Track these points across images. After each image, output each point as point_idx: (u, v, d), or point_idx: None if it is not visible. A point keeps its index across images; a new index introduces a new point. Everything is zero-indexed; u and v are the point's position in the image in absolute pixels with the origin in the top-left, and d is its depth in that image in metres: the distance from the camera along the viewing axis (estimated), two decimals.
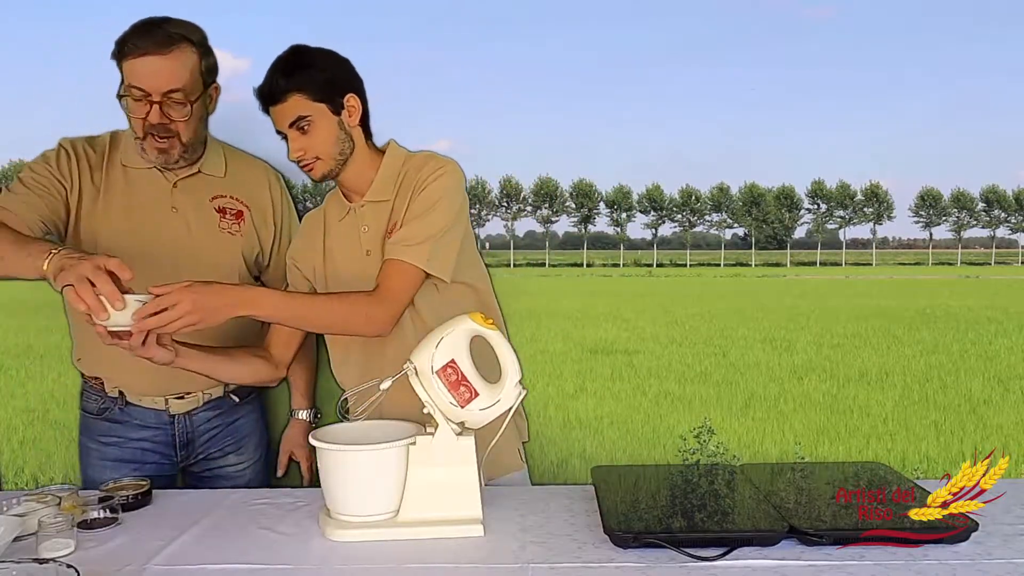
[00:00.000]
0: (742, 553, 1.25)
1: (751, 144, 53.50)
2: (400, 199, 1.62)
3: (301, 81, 1.55)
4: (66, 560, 1.20)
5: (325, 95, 1.57)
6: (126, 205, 1.72)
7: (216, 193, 1.78)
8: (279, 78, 1.55)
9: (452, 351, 1.39)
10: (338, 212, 1.69)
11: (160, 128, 1.64)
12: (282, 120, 1.57)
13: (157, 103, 1.61)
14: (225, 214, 1.77)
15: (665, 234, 71.51)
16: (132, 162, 1.73)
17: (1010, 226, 71.33)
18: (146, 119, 1.62)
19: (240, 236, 1.78)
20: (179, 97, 1.62)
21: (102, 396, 1.80)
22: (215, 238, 1.76)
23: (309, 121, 1.56)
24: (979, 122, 55.28)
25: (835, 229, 71.78)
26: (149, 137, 1.65)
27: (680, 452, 5.34)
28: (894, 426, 7.17)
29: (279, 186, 1.88)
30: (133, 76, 1.60)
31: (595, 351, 11.84)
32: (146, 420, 1.78)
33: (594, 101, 58.43)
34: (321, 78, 1.57)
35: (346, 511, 1.37)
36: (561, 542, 1.33)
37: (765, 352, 11.73)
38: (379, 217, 1.64)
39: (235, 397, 1.85)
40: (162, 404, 1.78)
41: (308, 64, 1.57)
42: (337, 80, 1.60)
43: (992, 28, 50.41)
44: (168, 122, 1.64)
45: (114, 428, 1.79)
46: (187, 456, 1.83)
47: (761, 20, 50.15)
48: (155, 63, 1.59)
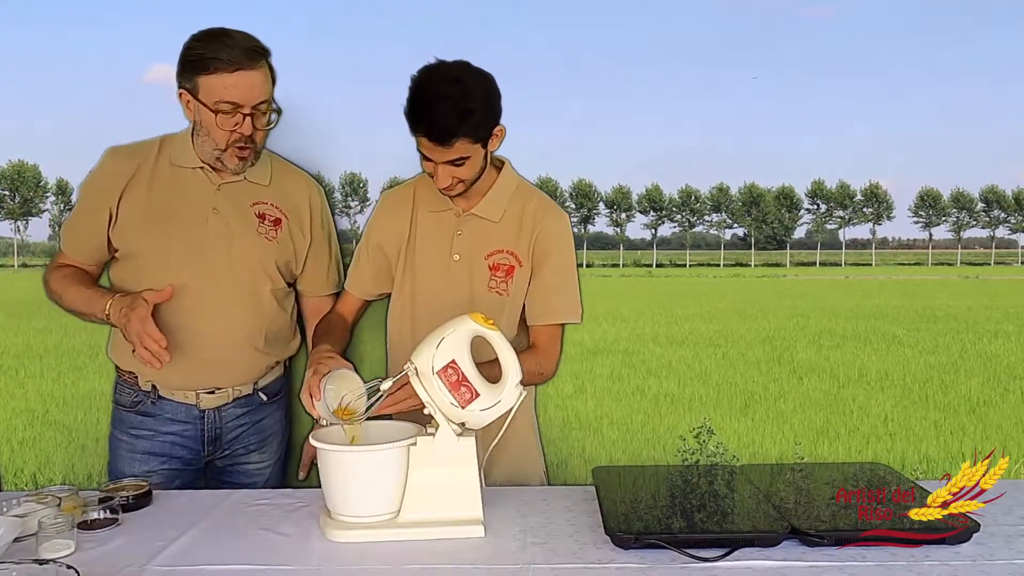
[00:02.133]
0: (743, 554, 1.25)
1: (751, 144, 53.53)
2: (512, 228, 1.70)
3: (470, 128, 1.52)
4: (66, 561, 1.19)
5: (485, 136, 1.57)
6: (172, 205, 1.76)
7: (257, 199, 1.81)
8: (452, 121, 1.51)
9: (453, 351, 1.39)
10: (433, 202, 1.71)
11: (246, 139, 1.69)
12: (439, 156, 1.55)
13: (249, 115, 1.66)
14: (264, 219, 1.81)
15: (665, 234, 71.52)
16: (181, 161, 1.77)
17: (1009, 226, 71.39)
18: (235, 131, 1.67)
19: (276, 242, 1.81)
20: (265, 108, 1.68)
21: (135, 390, 1.82)
22: (253, 240, 1.79)
23: (466, 160, 1.56)
24: (979, 122, 55.40)
25: (835, 229, 71.76)
26: (232, 148, 1.70)
27: (680, 452, 5.34)
28: (894, 426, 7.17)
29: (320, 199, 1.91)
30: (223, 90, 1.63)
31: (595, 351, 11.83)
32: (176, 414, 1.81)
33: (594, 101, 58.49)
34: (488, 120, 1.56)
35: (346, 512, 1.37)
36: (562, 543, 1.33)
37: (765, 352, 11.73)
38: (480, 232, 1.70)
39: (263, 395, 1.87)
40: (193, 399, 1.80)
41: (475, 108, 1.53)
42: (493, 116, 1.58)
43: (992, 28, 50.41)
44: (254, 131, 1.69)
45: (145, 421, 1.81)
46: (214, 452, 1.85)
47: (761, 20, 50.28)
48: (248, 77, 1.64)
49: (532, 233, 1.69)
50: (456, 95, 1.51)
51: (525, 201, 1.71)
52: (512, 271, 1.69)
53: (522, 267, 1.69)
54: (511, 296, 1.70)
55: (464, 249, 1.69)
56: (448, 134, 1.51)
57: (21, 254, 57.97)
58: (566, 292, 1.72)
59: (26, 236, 59.07)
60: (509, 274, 1.69)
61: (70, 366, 1.72)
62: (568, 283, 1.72)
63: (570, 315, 1.73)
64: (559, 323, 1.73)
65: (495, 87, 1.60)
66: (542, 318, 1.71)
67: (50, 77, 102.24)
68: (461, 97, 1.51)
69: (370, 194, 26.39)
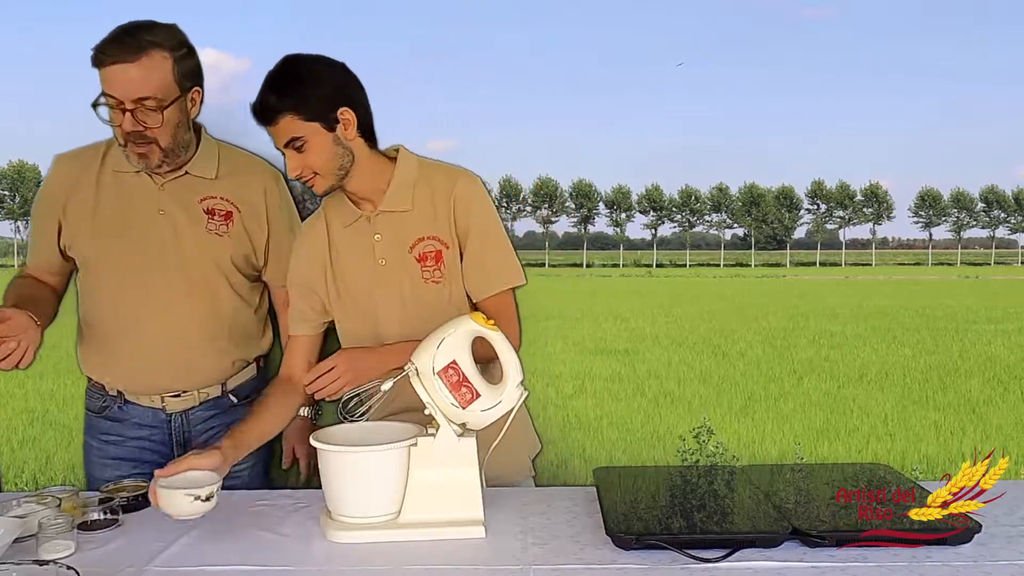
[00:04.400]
0: (744, 555, 1.25)
1: (751, 144, 53.37)
2: (427, 213, 1.62)
3: (292, 101, 1.49)
4: (66, 562, 1.19)
5: (318, 113, 1.51)
6: (118, 211, 1.74)
7: (205, 194, 1.77)
8: (270, 97, 1.50)
9: (453, 352, 1.39)
10: (344, 217, 1.66)
11: (136, 135, 1.63)
12: (277, 140, 1.54)
13: (129, 111, 1.60)
14: (214, 215, 1.77)
15: (665, 234, 71.43)
16: (122, 167, 1.74)
17: (1009, 226, 71.30)
18: (120, 126, 1.62)
19: (228, 237, 1.78)
20: (151, 104, 1.61)
21: (103, 395, 1.82)
22: (202, 239, 1.76)
23: (303, 140, 1.51)
24: (979, 122, 55.29)
25: (835, 229, 71.64)
26: (129, 144, 1.66)
27: (679, 452, 5.34)
28: (894, 426, 7.17)
29: (276, 185, 1.86)
30: (106, 84, 1.60)
31: (595, 351, 11.83)
32: (143, 419, 1.80)
33: (594, 101, 58.47)
34: (313, 95, 1.51)
35: (347, 512, 1.37)
36: (563, 543, 1.32)
37: (765, 352, 11.73)
38: (396, 227, 1.62)
39: (233, 398, 1.85)
40: (159, 403, 1.79)
41: (298, 81, 1.51)
42: (330, 95, 1.53)
43: (992, 28, 50.25)
44: (143, 129, 1.63)
45: (114, 427, 1.81)
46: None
47: (761, 21, 50.18)
48: (125, 71, 1.58)
49: (448, 210, 1.62)
50: (278, 73, 1.52)
51: (431, 181, 1.64)
52: (440, 256, 1.64)
53: (449, 249, 1.63)
54: (448, 281, 1.64)
55: (386, 249, 1.63)
56: (269, 110, 1.50)
57: (21, 254, 58.01)
58: (499, 257, 1.65)
59: (26, 236, 59.05)
60: (439, 260, 1.64)
61: (70, 366, 1.73)
62: (498, 247, 1.65)
63: (511, 278, 1.66)
64: (503, 290, 1.65)
65: (340, 71, 1.57)
66: (485, 290, 1.64)
67: (50, 77, 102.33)
68: (281, 76, 1.52)
69: None
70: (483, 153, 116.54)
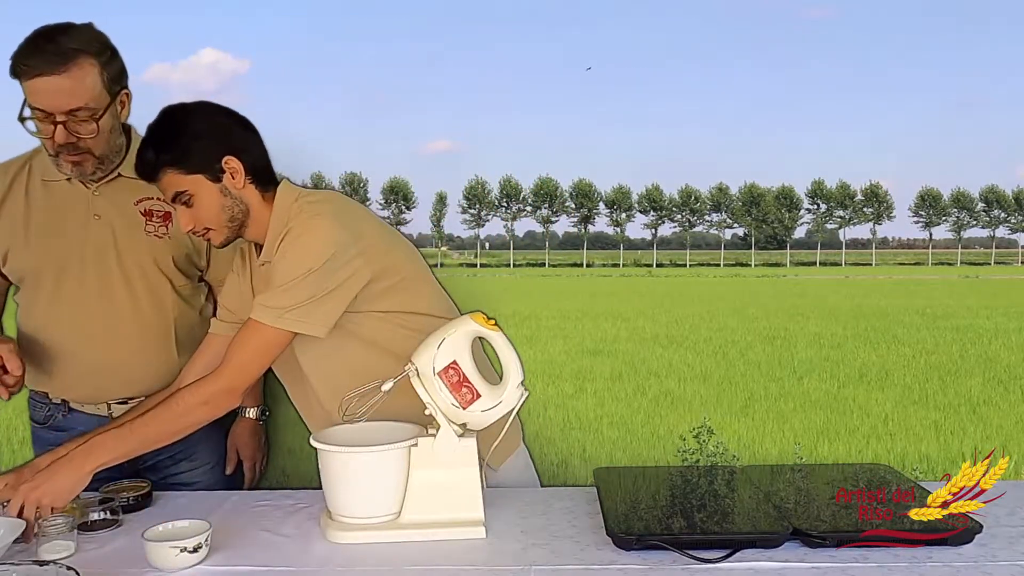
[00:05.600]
0: (745, 555, 1.25)
1: (751, 144, 53.38)
2: None
3: (171, 156, 1.44)
4: (66, 562, 1.19)
5: (200, 165, 1.45)
6: (50, 220, 1.69)
7: (142, 196, 1.72)
8: (148, 153, 1.45)
9: (454, 352, 1.39)
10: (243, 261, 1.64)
11: (69, 147, 1.58)
12: (164, 196, 1.50)
13: (61, 123, 1.54)
14: (152, 216, 1.73)
15: (665, 234, 71.39)
16: (51, 175, 1.69)
17: (1009, 226, 71.28)
18: (52, 139, 1.56)
19: (168, 238, 1.74)
20: (83, 115, 1.55)
21: (46, 404, 1.78)
22: (141, 242, 1.72)
23: (189, 194, 1.46)
24: (979, 122, 55.20)
25: (835, 229, 71.62)
26: (61, 154, 1.60)
27: (680, 452, 5.34)
28: (894, 426, 7.16)
29: None
30: (33, 96, 1.53)
31: (595, 351, 11.83)
32: (89, 427, 1.69)
33: (594, 101, 58.32)
34: (194, 147, 1.45)
35: (347, 513, 1.37)
36: (563, 544, 1.32)
37: (765, 352, 11.73)
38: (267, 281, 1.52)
39: None
40: (105, 410, 1.74)
41: (177, 134, 1.45)
42: (212, 145, 1.46)
43: (992, 28, 50.20)
44: (76, 140, 1.58)
45: (59, 437, 1.72)
46: (135, 463, 1.72)
47: (762, 20, 50.06)
48: (52, 83, 1.50)
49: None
50: (155, 129, 1.47)
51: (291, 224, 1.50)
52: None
53: None
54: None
55: None
56: (148, 166, 1.45)
57: None
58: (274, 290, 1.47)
59: None
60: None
61: None
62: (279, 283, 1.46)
63: (264, 314, 1.45)
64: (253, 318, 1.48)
65: (222, 120, 1.50)
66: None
67: None
68: (159, 130, 1.47)
69: (370, 194, 26.40)
70: (483, 153, 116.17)
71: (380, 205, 74.61)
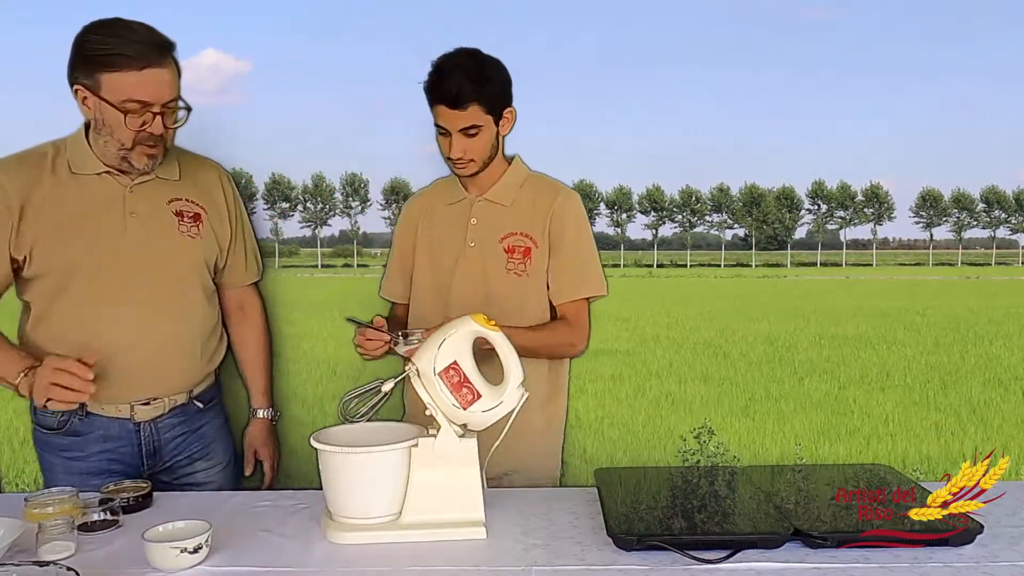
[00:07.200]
0: (746, 555, 1.25)
1: (751, 144, 53.39)
2: (524, 213, 1.77)
3: (484, 94, 1.67)
4: (66, 563, 1.19)
5: (496, 108, 1.71)
6: (79, 214, 1.65)
7: (173, 196, 1.73)
8: (466, 85, 1.65)
9: (455, 353, 1.39)
10: (449, 196, 1.84)
11: (155, 138, 1.60)
12: (454, 123, 1.67)
13: (159, 114, 1.58)
14: (183, 217, 1.73)
15: (665, 234, 71.34)
16: (81, 168, 1.66)
17: (1010, 227, 71.11)
18: (142, 130, 1.58)
19: (200, 239, 1.75)
20: (174, 105, 1.61)
21: (60, 410, 1.71)
22: (175, 242, 1.72)
23: (479, 129, 1.69)
24: (979, 122, 55.13)
25: (835, 229, 71.59)
26: (140, 146, 1.61)
27: (680, 453, 5.34)
28: (894, 427, 7.16)
29: (230, 185, 1.85)
30: (131, 88, 1.54)
31: (595, 351, 11.78)
32: (109, 430, 1.71)
33: (594, 101, 58.23)
34: (497, 92, 1.70)
35: (348, 513, 1.37)
36: (564, 544, 1.32)
37: (766, 352, 11.71)
38: (491, 216, 1.79)
39: (198, 403, 1.81)
40: (127, 412, 1.71)
41: (490, 77, 1.69)
42: (506, 94, 1.73)
43: (992, 28, 50.27)
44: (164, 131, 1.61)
45: (76, 442, 1.71)
46: (155, 465, 1.77)
47: (761, 21, 49.94)
48: (159, 75, 1.56)
49: (545, 217, 1.77)
50: (471, 65, 1.68)
51: (535, 188, 1.81)
52: (528, 252, 1.76)
53: (538, 248, 1.76)
54: (530, 277, 1.75)
55: (476, 234, 1.78)
56: (463, 97, 1.64)
57: None
58: (579, 268, 1.79)
59: None
60: (526, 255, 1.75)
61: None
62: (580, 260, 1.79)
63: (586, 289, 1.79)
64: (578, 298, 1.79)
65: (507, 72, 1.74)
66: (561, 296, 1.78)
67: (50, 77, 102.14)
68: (475, 66, 1.68)
69: (371, 195, 26.33)
70: None
71: (380, 205, 74.47)
